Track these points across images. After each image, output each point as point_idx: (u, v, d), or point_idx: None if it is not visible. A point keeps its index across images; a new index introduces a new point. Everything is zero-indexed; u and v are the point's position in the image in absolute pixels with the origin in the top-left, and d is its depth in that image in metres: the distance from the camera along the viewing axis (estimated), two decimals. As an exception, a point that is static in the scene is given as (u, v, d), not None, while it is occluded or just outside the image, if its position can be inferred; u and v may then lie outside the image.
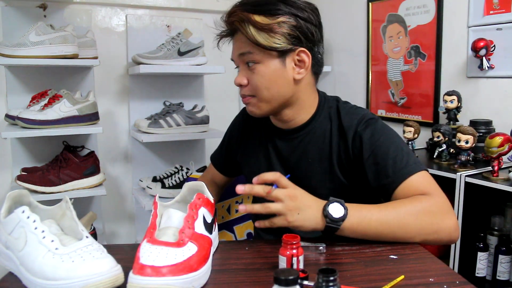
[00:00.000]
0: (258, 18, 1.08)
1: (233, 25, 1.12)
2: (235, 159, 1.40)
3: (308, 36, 1.11)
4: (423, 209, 0.99)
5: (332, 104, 1.22)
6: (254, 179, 0.97)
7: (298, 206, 0.96)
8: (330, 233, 0.96)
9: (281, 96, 1.14)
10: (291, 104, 1.17)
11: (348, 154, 1.14)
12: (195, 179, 1.47)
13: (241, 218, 1.60)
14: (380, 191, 1.09)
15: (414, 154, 1.13)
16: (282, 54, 1.11)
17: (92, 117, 1.97)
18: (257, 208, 0.96)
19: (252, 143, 1.33)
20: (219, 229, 1.76)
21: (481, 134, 1.79)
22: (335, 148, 1.16)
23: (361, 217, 0.96)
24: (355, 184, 1.16)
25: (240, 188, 0.96)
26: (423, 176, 1.06)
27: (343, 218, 0.94)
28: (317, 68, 1.18)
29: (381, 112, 2.49)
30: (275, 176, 0.98)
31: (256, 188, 0.96)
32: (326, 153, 1.17)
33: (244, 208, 0.98)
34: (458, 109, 1.96)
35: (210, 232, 0.89)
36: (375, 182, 1.09)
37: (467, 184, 1.60)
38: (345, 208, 0.95)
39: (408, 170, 1.05)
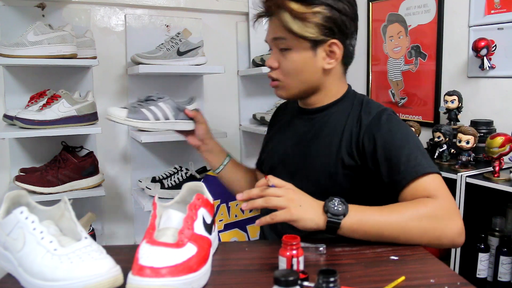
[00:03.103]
0: (294, 6, 1.10)
1: (270, 9, 1.15)
2: None
3: (342, 28, 1.14)
4: (427, 213, 0.97)
5: (359, 96, 1.25)
6: (245, 194, 0.99)
7: (299, 198, 0.97)
8: (331, 230, 0.95)
9: (308, 83, 1.19)
10: (317, 90, 1.21)
11: (358, 143, 1.14)
12: (213, 177, 1.49)
13: (255, 217, 1.59)
14: (390, 187, 1.08)
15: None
16: (314, 43, 1.14)
17: (91, 117, 1.96)
18: (259, 202, 0.96)
19: (278, 126, 1.40)
20: (232, 228, 1.75)
21: (482, 134, 1.79)
22: (347, 134, 1.17)
23: (362, 216, 0.96)
24: (358, 176, 1.16)
25: (238, 196, 0.99)
26: (434, 178, 1.04)
27: (344, 213, 0.94)
28: (347, 60, 1.22)
29: (381, 112, 2.48)
30: (264, 179, 1.00)
31: (253, 191, 0.99)
32: (338, 135, 1.18)
33: (245, 205, 0.98)
34: (458, 109, 1.96)
35: (210, 233, 0.88)
36: (387, 178, 1.09)
37: (468, 184, 1.60)
38: (345, 205, 0.95)
39: (420, 170, 1.04)
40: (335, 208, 0.94)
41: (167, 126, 1.33)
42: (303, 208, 0.95)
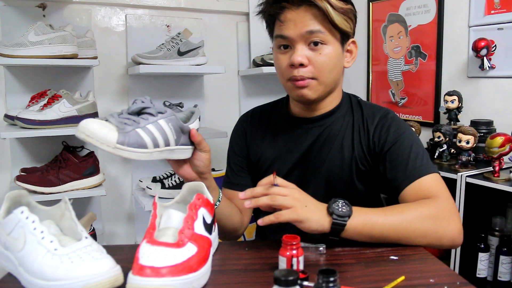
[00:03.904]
0: (334, 0, 1.07)
1: (307, 1, 1.06)
2: (249, 164, 1.33)
3: (355, 28, 1.16)
4: (428, 214, 0.98)
5: (353, 98, 1.25)
6: (248, 193, 0.95)
7: (305, 198, 0.95)
8: (336, 232, 0.94)
9: (335, 81, 1.16)
10: (332, 91, 1.19)
11: (369, 144, 1.16)
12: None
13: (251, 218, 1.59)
14: (392, 184, 1.10)
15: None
16: (344, 39, 1.13)
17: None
18: (264, 200, 0.92)
19: (262, 139, 1.29)
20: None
21: (482, 134, 1.79)
22: (356, 137, 1.18)
23: (367, 218, 0.95)
24: (371, 179, 1.18)
25: (241, 195, 0.96)
26: (434, 178, 1.07)
27: (349, 215, 0.93)
28: None
29: (382, 112, 2.49)
30: (269, 178, 0.96)
31: (256, 189, 0.95)
32: (349, 139, 1.18)
33: (248, 203, 0.94)
34: (458, 109, 1.96)
35: (210, 233, 0.88)
36: (391, 174, 1.10)
37: (468, 184, 1.60)
38: (349, 206, 0.95)
39: (423, 170, 1.07)
40: (340, 209, 0.93)
41: (163, 154, 0.93)
42: (309, 209, 0.93)
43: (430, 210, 0.99)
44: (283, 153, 1.24)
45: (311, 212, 0.92)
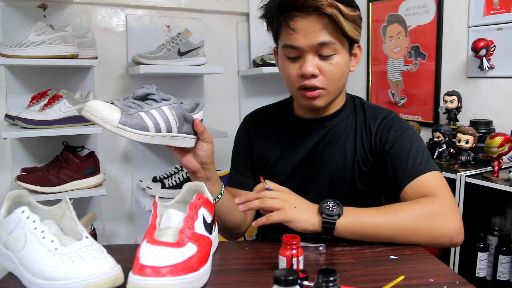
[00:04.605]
0: (344, 8, 1.03)
1: (318, 9, 1.02)
2: (252, 163, 1.33)
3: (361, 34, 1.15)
4: (424, 213, 0.98)
5: (357, 100, 1.26)
6: (242, 198, 1.00)
7: (295, 200, 0.99)
8: (327, 231, 0.96)
9: (342, 87, 1.16)
10: (338, 95, 1.19)
11: (371, 146, 1.17)
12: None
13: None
14: (393, 184, 1.11)
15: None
16: (351, 46, 1.12)
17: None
18: (255, 203, 0.97)
19: (265, 139, 1.30)
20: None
21: (481, 134, 1.79)
22: (359, 139, 1.18)
23: (358, 217, 0.97)
24: (373, 180, 1.19)
25: (236, 200, 1.00)
26: (434, 176, 1.07)
27: (338, 213, 0.95)
28: None
29: (381, 112, 2.49)
30: (262, 184, 1.01)
31: (250, 194, 1.00)
32: (352, 140, 1.19)
33: (242, 206, 0.99)
34: (458, 109, 1.97)
35: (210, 233, 0.89)
36: (392, 173, 1.11)
37: (467, 184, 1.61)
38: (340, 206, 0.97)
39: (423, 168, 1.07)
40: (330, 209, 0.96)
41: (165, 140, 0.98)
42: (298, 209, 0.96)
43: (425, 208, 0.99)
44: (287, 153, 1.25)
45: (300, 212, 0.96)
